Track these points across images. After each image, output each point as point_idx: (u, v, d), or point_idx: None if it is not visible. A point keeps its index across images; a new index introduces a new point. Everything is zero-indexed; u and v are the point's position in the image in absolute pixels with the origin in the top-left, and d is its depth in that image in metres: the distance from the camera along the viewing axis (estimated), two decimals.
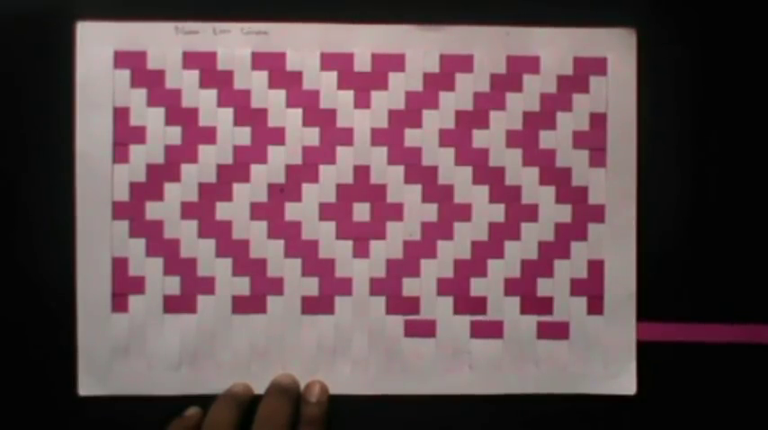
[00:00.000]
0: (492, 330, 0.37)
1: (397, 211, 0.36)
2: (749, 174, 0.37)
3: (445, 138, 0.37)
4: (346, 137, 0.36)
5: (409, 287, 0.36)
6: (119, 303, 0.36)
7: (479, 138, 0.37)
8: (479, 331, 0.36)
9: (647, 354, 0.37)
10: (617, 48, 0.37)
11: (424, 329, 0.36)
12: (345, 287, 0.36)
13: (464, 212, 0.37)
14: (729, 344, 0.37)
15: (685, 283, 0.37)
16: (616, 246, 0.37)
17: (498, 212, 0.37)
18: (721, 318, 0.37)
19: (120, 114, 0.36)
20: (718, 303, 0.37)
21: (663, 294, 0.37)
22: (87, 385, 0.36)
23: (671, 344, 0.37)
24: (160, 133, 0.36)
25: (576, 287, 0.37)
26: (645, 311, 0.37)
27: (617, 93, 0.37)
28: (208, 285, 0.36)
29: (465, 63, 0.37)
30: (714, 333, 0.37)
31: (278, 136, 0.36)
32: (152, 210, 0.36)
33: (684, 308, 0.37)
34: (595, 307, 0.37)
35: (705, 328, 0.37)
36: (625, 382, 0.37)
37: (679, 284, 0.37)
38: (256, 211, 0.36)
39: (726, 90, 0.37)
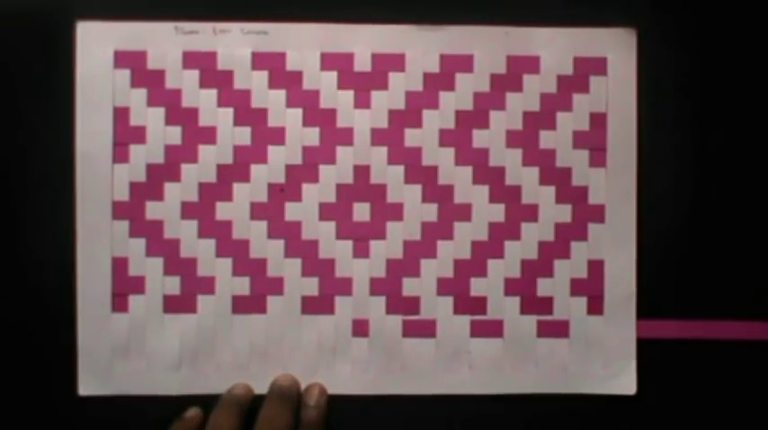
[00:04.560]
0: (492, 330, 0.37)
1: (397, 211, 0.36)
2: (749, 174, 0.37)
3: (445, 138, 0.37)
4: (346, 137, 0.36)
5: (409, 287, 0.36)
6: (119, 303, 0.36)
7: (479, 138, 0.37)
8: (479, 331, 0.36)
9: (648, 352, 0.37)
10: (617, 48, 0.37)
11: (423, 329, 0.36)
12: (345, 287, 0.36)
13: (464, 212, 0.37)
14: (730, 341, 0.37)
15: (686, 283, 0.37)
16: (616, 246, 0.37)
17: (498, 212, 0.37)
18: (722, 316, 0.37)
19: (120, 114, 0.36)
20: (719, 304, 0.37)
21: (663, 294, 0.37)
22: (87, 385, 0.36)
23: (671, 341, 0.37)
24: (160, 133, 0.36)
25: (576, 287, 0.37)
26: (645, 311, 0.37)
27: (617, 93, 0.37)
28: (208, 285, 0.36)
29: (465, 63, 0.37)
30: (715, 329, 0.37)
31: (278, 136, 0.36)
32: (152, 210, 0.36)
33: (685, 308, 0.37)
34: (595, 307, 0.37)
35: (705, 325, 0.37)
36: (625, 382, 0.37)
37: (679, 284, 0.37)
38: (256, 211, 0.36)
39: (726, 90, 0.37)
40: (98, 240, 0.36)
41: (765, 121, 0.37)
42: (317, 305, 0.36)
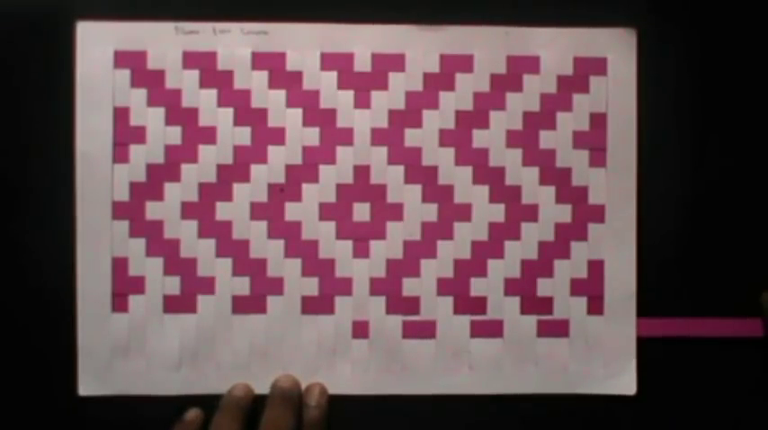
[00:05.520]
0: (492, 330, 0.37)
1: (397, 211, 0.36)
2: (749, 174, 0.37)
3: (445, 138, 0.37)
4: (346, 137, 0.36)
5: (409, 287, 0.36)
6: (119, 303, 0.36)
7: (479, 138, 0.37)
8: (479, 331, 0.36)
9: (648, 351, 0.37)
10: (617, 48, 0.37)
11: (423, 329, 0.36)
12: (345, 287, 0.36)
13: (464, 212, 0.37)
14: (730, 339, 0.37)
15: (685, 284, 0.37)
16: (616, 246, 0.37)
17: (498, 212, 0.37)
18: (722, 315, 0.37)
19: (120, 114, 0.36)
20: (719, 302, 0.37)
21: (663, 294, 0.37)
22: (87, 385, 0.36)
23: (671, 339, 0.37)
24: (160, 133, 0.36)
25: (576, 287, 0.37)
26: (645, 311, 0.37)
27: (617, 93, 0.37)
28: (208, 285, 0.36)
29: (465, 63, 0.37)
30: (715, 327, 0.37)
31: (278, 136, 0.36)
32: (152, 210, 0.36)
33: (684, 308, 0.37)
34: (595, 307, 0.37)
35: (706, 323, 0.37)
36: (625, 382, 0.37)
37: (679, 285, 0.37)
38: (256, 211, 0.36)
39: (726, 90, 0.37)
40: (98, 240, 0.36)
41: (765, 122, 0.37)
42: (317, 305, 0.36)
